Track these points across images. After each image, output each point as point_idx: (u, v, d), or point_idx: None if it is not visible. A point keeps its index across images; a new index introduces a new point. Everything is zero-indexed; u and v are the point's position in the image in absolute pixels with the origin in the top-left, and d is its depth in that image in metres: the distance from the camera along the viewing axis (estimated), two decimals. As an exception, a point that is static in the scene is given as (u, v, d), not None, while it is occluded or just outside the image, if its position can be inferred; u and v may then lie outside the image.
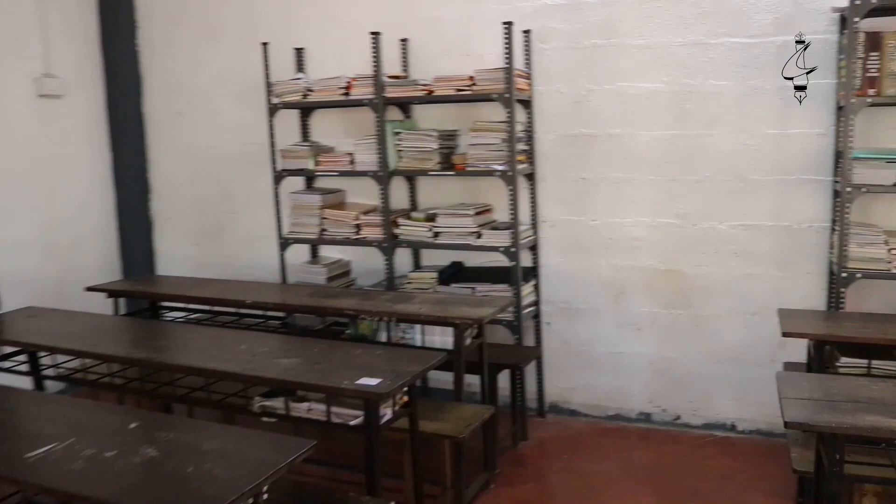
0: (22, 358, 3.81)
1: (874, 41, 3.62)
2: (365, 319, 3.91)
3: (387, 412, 2.84)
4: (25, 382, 3.83)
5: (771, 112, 4.15)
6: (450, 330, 3.68)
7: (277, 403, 2.97)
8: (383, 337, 3.91)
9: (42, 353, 3.76)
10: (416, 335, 3.80)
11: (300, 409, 2.94)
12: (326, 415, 2.88)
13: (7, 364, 3.79)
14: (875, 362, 3.21)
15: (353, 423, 2.83)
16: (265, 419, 3.00)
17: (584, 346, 4.72)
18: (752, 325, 4.32)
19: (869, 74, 3.64)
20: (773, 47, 4.10)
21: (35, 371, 3.80)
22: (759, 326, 4.28)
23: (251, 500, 2.16)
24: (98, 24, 5.62)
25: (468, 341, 3.75)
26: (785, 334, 3.26)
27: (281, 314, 4.42)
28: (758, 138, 4.19)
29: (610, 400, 4.71)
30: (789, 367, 3.91)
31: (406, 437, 3.19)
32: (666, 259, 4.46)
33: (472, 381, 4.14)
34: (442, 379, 4.24)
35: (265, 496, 2.21)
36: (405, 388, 2.96)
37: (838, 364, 3.24)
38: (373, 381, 2.73)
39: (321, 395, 2.88)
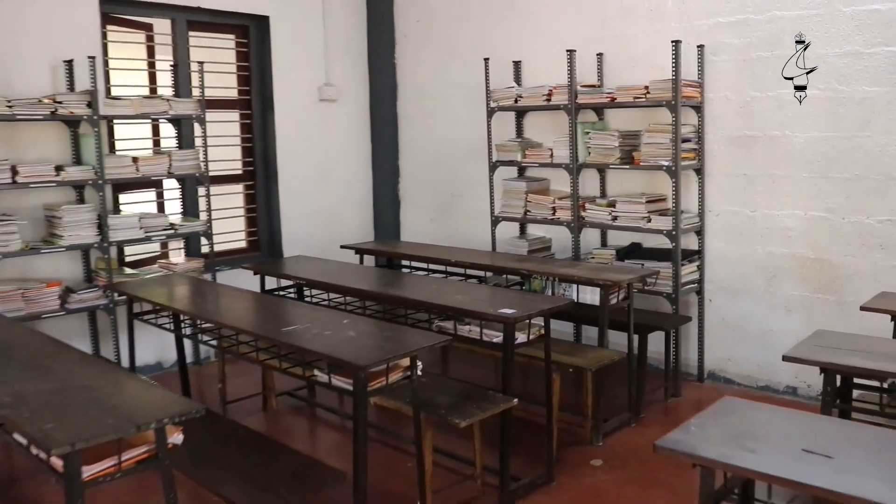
0: (293, 289, 5.33)
1: None
2: (536, 278, 4.93)
3: (520, 336, 3.84)
4: (294, 307, 5.33)
5: (924, 116, 4.51)
6: (597, 290, 4.58)
7: (449, 325, 4.11)
8: (549, 293, 4.89)
9: (304, 287, 5.25)
10: (573, 293, 4.73)
11: (463, 330, 4.05)
12: (480, 335, 3.96)
13: (282, 293, 5.33)
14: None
15: (495, 339, 3.88)
16: (442, 335, 4.13)
17: (740, 322, 5.32)
18: None
19: None
20: (929, 55, 4.46)
21: (300, 298, 5.29)
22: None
23: (408, 373, 3.33)
24: (366, 42, 7.15)
25: (613, 301, 4.61)
26: (863, 308, 3.74)
27: (480, 273, 5.55)
28: (909, 140, 4.57)
29: (760, 372, 5.27)
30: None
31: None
32: (816, 248, 4.94)
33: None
34: (614, 341, 5.04)
35: (419, 371, 3.36)
36: (541, 324, 3.95)
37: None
38: (510, 311, 3.76)
39: (478, 322, 3.97)
